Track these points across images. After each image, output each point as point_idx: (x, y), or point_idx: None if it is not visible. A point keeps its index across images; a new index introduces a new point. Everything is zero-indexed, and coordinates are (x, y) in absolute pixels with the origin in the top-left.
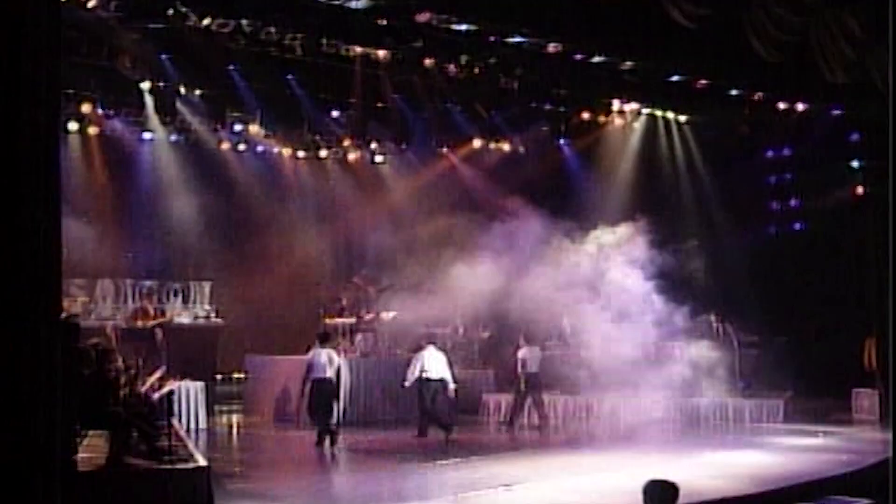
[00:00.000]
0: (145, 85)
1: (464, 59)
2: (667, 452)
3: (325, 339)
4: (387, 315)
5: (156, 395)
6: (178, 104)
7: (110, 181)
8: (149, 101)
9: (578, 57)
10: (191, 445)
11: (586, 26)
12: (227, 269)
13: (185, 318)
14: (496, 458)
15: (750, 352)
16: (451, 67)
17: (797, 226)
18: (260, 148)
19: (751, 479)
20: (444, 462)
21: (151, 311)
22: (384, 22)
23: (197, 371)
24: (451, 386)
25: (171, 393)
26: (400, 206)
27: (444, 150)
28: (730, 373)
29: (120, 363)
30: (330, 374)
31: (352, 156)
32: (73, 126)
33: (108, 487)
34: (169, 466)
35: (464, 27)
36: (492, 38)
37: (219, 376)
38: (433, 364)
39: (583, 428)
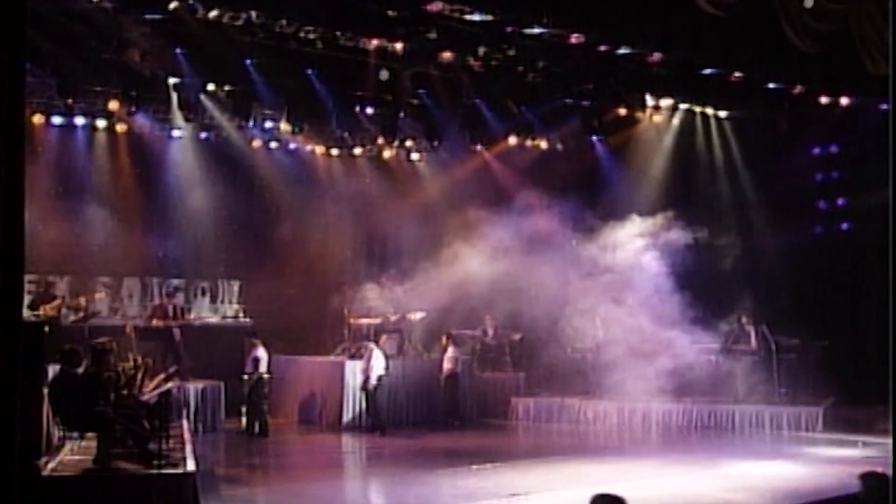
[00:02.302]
0: (171, 81)
1: (481, 51)
2: (690, 462)
3: (254, 335)
4: (414, 316)
5: (145, 397)
6: (204, 100)
7: (139, 178)
8: (174, 97)
9: (603, 48)
10: (188, 449)
11: (608, 16)
12: (255, 269)
13: (212, 318)
14: (511, 465)
15: (789, 356)
16: (472, 61)
17: (844, 225)
18: (292, 145)
19: (771, 492)
20: (452, 470)
21: (171, 311)
22: (394, 13)
23: (223, 371)
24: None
25: (166, 394)
26: (430, 205)
27: (479, 147)
28: (768, 378)
29: (129, 363)
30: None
31: (386, 154)
32: (101, 123)
33: (88, 492)
34: (154, 471)
35: (478, 18)
36: (509, 29)
37: (245, 376)
38: (381, 363)
39: (607, 434)
